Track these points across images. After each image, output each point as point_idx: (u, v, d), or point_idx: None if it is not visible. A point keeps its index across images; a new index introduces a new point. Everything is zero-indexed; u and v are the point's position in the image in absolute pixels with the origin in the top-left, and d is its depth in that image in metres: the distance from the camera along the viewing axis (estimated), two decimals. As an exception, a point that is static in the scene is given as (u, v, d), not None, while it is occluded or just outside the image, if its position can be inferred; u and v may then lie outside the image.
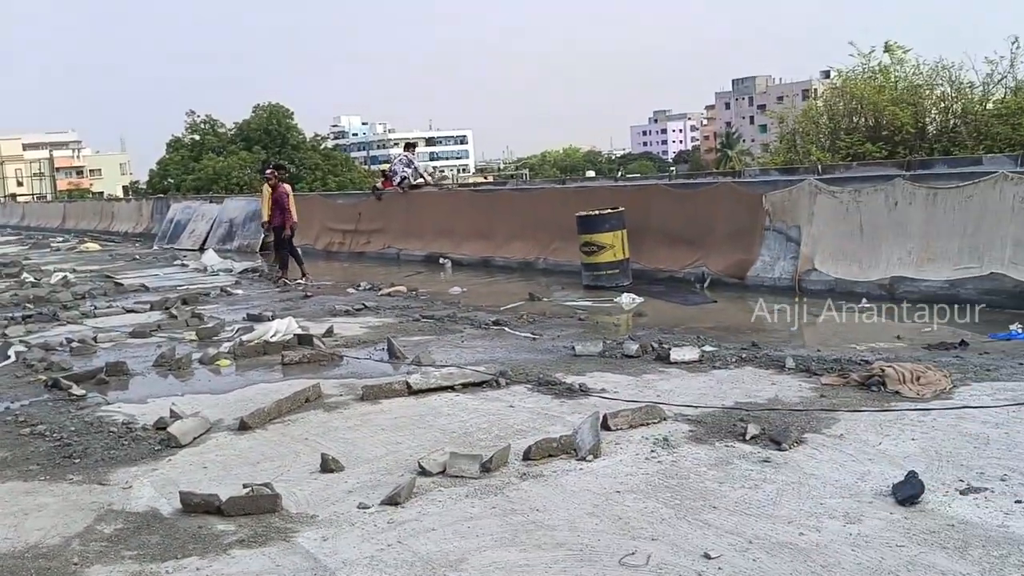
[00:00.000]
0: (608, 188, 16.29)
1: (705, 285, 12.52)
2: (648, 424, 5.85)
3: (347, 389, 7.30)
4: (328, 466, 5.28)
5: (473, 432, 6.02)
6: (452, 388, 7.13)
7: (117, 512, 4.87)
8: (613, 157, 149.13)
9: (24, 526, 4.76)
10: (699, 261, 12.85)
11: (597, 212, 13.05)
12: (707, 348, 8.05)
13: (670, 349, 7.88)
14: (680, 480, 4.88)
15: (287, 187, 15.59)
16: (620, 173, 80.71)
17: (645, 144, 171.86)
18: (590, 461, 5.21)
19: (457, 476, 5.08)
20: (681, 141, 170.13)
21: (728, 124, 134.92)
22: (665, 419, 5.96)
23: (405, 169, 19.11)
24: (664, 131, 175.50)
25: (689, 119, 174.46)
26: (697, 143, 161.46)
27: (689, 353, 7.73)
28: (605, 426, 5.73)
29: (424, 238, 17.99)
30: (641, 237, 13.15)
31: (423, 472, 5.14)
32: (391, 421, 6.34)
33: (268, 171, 16.34)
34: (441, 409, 6.62)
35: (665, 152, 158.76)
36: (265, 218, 15.62)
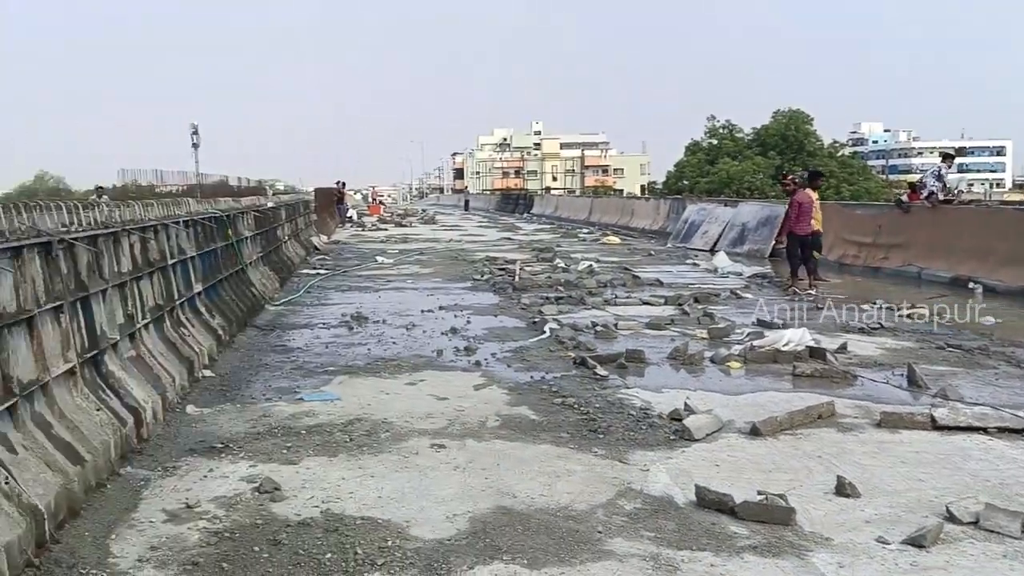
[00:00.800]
0: None
1: None
2: None
3: (862, 412, 6.92)
4: (844, 490, 5.05)
5: (1010, 484, 5.31)
6: (984, 430, 6.37)
7: (636, 492, 5.20)
8: None
9: (556, 487, 5.32)
10: None
11: None
12: None
13: None
14: None
15: (812, 195, 15.24)
16: None
17: None
18: None
19: (992, 531, 4.53)
20: None
21: None
22: None
23: (935, 182, 17.53)
24: None
25: None
26: None
27: None
28: None
29: (951, 258, 16.33)
30: None
31: (951, 518, 4.66)
32: (912, 455, 5.86)
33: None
34: (971, 452, 5.95)
35: None
36: (815, 226, 15.28)
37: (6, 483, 4.25)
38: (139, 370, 6.86)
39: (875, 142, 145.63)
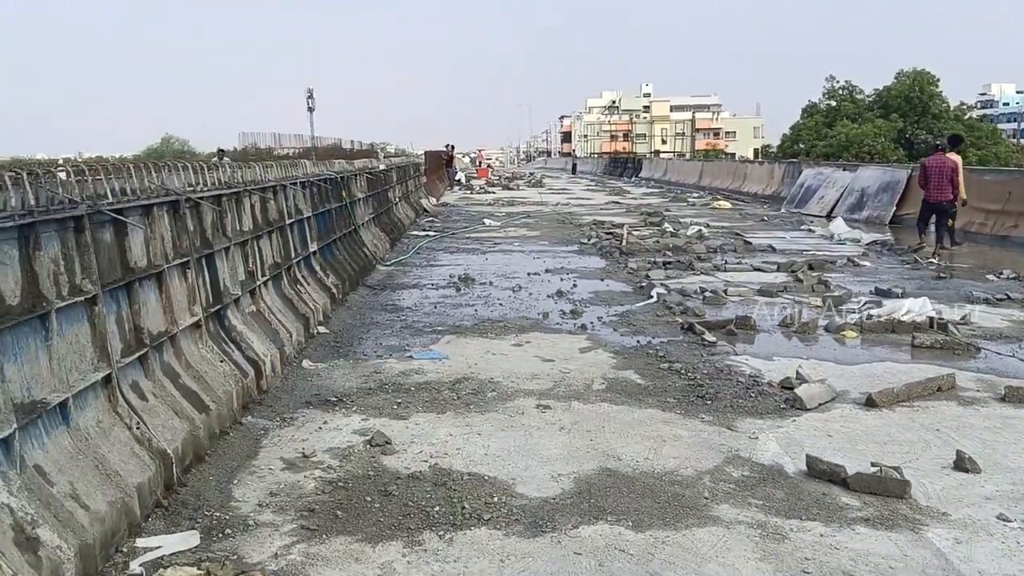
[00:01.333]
0: None
1: None
2: None
3: (985, 385, 6.62)
4: (963, 465, 4.86)
5: None
6: (1122, 408, 6.00)
7: (744, 459, 5.14)
8: None
9: (661, 452, 5.30)
10: None
11: None
12: None
13: None
14: None
15: (956, 159, 14.62)
16: None
17: None
18: None
19: None
20: None
21: None
22: None
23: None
24: None
25: None
26: None
27: None
28: None
29: (1089, 226, 15.38)
30: None
31: (1081, 498, 4.43)
32: (1039, 431, 5.58)
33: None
34: (1105, 430, 5.62)
35: None
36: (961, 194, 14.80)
37: (137, 428, 4.52)
38: (259, 325, 7.15)
39: (1006, 104, 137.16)
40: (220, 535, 4.17)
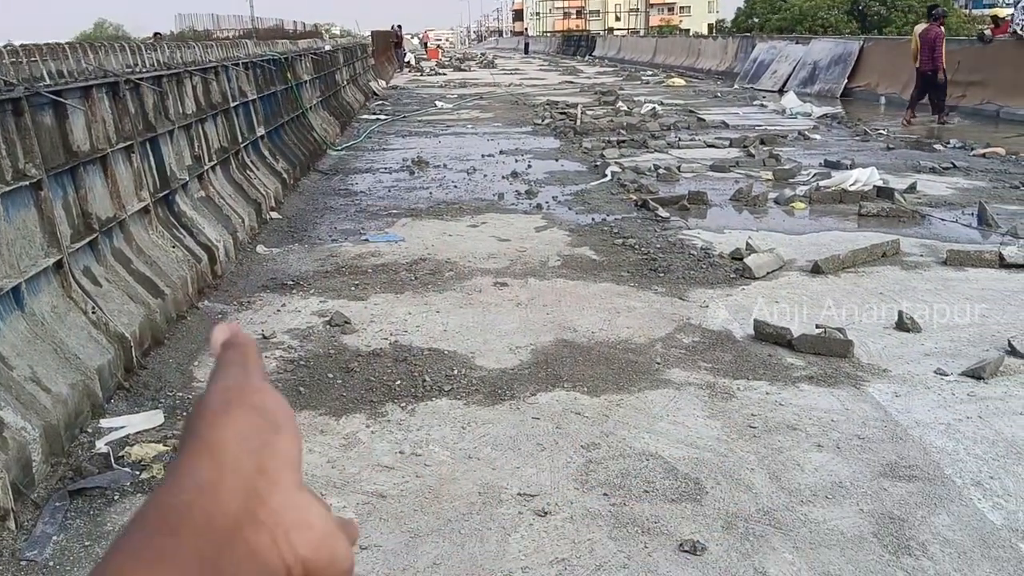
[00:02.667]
0: None
1: None
2: None
3: (928, 250, 6.83)
4: (904, 324, 5.07)
5: (1078, 322, 5.25)
6: (1055, 269, 6.25)
7: (694, 327, 5.30)
8: None
9: (616, 322, 5.43)
10: None
11: None
12: None
13: None
14: None
15: (940, 30, 14.97)
16: None
17: None
18: None
19: (1056, 366, 4.53)
20: None
21: None
22: None
23: (1024, 14, 16.50)
24: None
25: None
26: None
27: None
28: None
29: (1035, 96, 15.56)
30: None
31: (1013, 352, 4.67)
32: (977, 292, 5.81)
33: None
34: (1037, 289, 5.87)
35: None
36: (914, 61, 15.36)
37: (93, 312, 4.51)
38: (210, 211, 7.06)
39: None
40: (184, 413, 4.24)
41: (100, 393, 4.17)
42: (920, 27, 15.37)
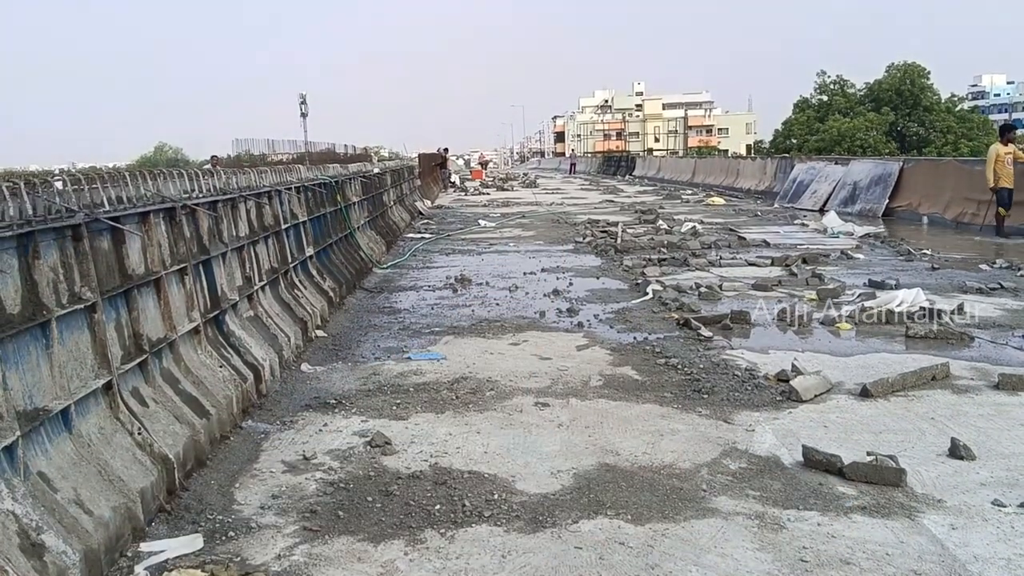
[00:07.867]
0: None
1: None
2: None
3: (979, 374, 6.68)
4: (958, 452, 4.91)
5: None
6: (1115, 394, 6.06)
7: (741, 452, 5.18)
8: None
9: (659, 446, 5.34)
10: None
11: None
12: None
13: None
14: None
15: (995, 148, 15.72)
16: None
17: None
18: None
19: (1120, 498, 4.33)
20: None
21: None
22: None
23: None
24: None
25: None
26: None
27: None
28: None
29: (1082, 215, 15.46)
30: None
31: (1075, 483, 4.48)
32: (1034, 418, 5.63)
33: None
34: (1098, 415, 5.68)
35: None
36: (990, 182, 15.83)
37: (139, 433, 4.55)
38: (257, 330, 7.18)
39: (997, 95, 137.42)
40: (223, 538, 4.21)
41: (141, 516, 4.16)
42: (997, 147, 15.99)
